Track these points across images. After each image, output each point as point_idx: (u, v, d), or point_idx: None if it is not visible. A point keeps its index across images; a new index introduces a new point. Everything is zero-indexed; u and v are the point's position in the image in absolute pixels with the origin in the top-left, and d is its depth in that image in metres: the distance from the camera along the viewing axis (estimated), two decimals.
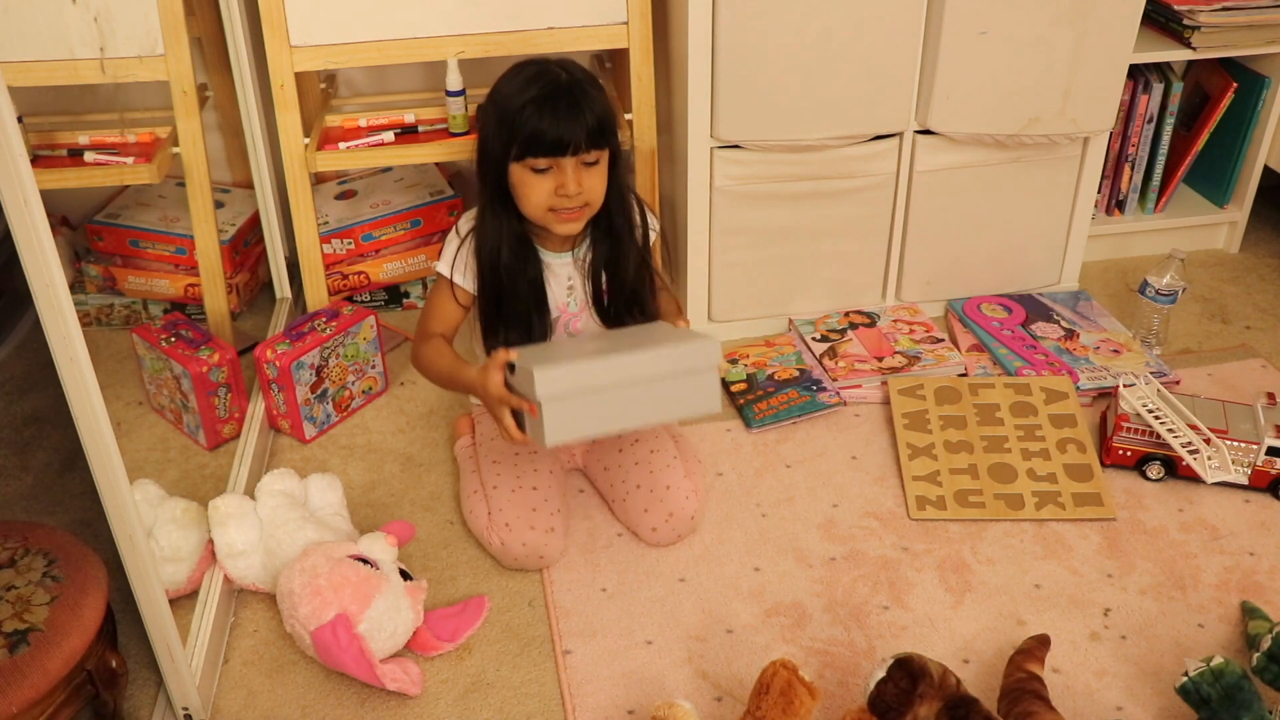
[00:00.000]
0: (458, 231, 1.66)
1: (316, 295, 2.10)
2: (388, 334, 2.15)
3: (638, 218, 1.68)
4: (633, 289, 1.67)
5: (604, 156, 1.57)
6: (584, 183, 1.54)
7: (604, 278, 1.67)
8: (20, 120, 1.74)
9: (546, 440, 1.40)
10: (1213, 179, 2.47)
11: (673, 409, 1.48)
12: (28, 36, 1.80)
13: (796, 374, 2.04)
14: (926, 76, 1.98)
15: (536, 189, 1.54)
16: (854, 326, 2.16)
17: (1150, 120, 2.33)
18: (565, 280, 1.68)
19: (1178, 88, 2.31)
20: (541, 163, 1.52)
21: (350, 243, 2.24)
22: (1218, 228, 2.50)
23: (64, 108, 2.07)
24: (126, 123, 2.02)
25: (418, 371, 1.71)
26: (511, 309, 1.63)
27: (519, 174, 1.55)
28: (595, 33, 1.95)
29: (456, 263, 1.65)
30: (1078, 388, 1.97)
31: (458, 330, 1.72)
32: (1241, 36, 2.21)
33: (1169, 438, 1.76)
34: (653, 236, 1.73)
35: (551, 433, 1.40)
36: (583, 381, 1.40)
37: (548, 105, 1.50)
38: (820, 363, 2.06)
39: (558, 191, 1.54)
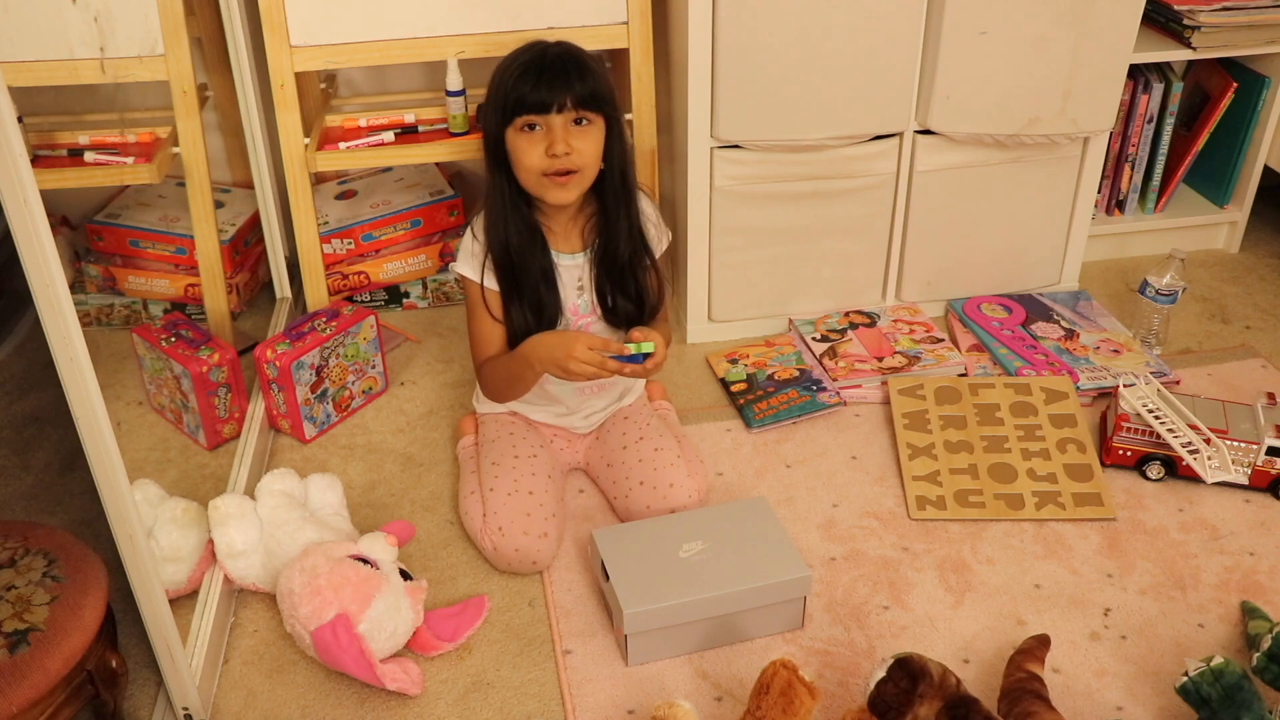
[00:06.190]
0: (475, 235, 1.66)
1: (316, 295, 2.10)
2: (388, 334, 2.15)
3: (646, 208, 1.70)
4: (627, 266, 1.67)
5: (597, 122, 1.58)
6: (573, 143, 1.55)
7: (603, 256, 1.68)
8: (20, 120, 1.74)
9: (629, 662, 1.49)
10: (1213, 179, 2.47)
11: (754, 630, 1.53)
12: (28, 36, 1.80)
13: (796, 374, 2.04)
14: (926, 76, 1.98)
15: (529, 152, 1.55)
16: (854, 326, 2.16)
17: (1150, 120, 2.33)
18: (575, 281, 1.68)
19: (1178, 88, 2.31)
20: (529, 119, 1.54)
21: (350, 243, 2.24)
22: (1218, 228, 2.50)
23: (64, 108, 2.07)
24: (126, 123, 2.02)
25: (493, 400, 1.76)
26: (526, 295, 1.64)
27: (513, 140, 1.56)
28: (595, 33, 1.95)
29: (483, 265, 1.65)
30: (1078, 388, 1.97)
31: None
32: (1241, 36, 2.21)
33: (1169, 438, 1.76)
34: (662, 245, 1.74)
35: (634, 657, 1.49)
36: (671, 619, 1.46)
37: (533, 67, 1.54)
38: (820, 363, 2.06)
39: (548, 151, 1.54)
